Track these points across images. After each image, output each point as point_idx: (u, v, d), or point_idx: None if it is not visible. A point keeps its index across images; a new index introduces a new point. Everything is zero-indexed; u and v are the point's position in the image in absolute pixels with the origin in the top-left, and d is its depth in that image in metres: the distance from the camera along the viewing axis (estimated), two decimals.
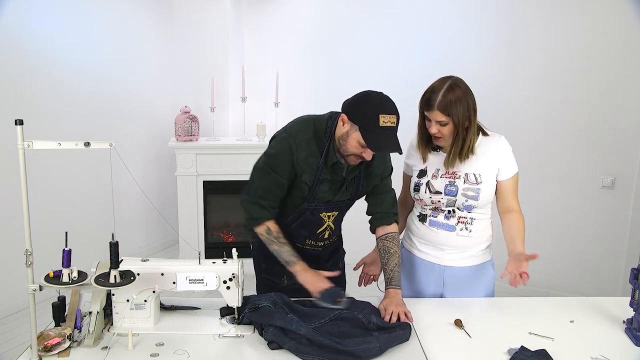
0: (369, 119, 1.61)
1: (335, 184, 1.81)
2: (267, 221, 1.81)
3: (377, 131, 1.61)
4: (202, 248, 4.13)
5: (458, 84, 1.74)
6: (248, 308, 1.63)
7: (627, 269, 3.35)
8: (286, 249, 1.78)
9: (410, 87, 3.91)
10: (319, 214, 1.86)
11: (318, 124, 1.79)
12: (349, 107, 1.69)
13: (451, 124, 1.74)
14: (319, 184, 1.78)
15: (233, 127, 4.43)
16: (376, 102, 1.64)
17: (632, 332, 1.62)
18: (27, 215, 1.41)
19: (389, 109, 1.63)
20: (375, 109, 1.62)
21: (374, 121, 1.61)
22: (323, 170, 1.77)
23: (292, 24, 4.30)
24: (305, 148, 1.75)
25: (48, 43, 3.43)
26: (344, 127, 1.69)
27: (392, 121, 1.62)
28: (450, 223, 1.88)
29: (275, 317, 1.57)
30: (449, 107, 1.70)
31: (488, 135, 1.86)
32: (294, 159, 1.75)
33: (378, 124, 1.60)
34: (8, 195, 3.19)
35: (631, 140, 3.42)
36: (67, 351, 1.47)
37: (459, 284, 1.93)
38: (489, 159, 1.84)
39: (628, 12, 3.30)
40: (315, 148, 1.76)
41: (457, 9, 3.75)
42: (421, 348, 1.55)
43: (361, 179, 1.85)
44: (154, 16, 4.27)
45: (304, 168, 1.76)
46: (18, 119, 1.36)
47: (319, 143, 1.77)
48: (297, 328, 1.52)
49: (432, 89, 1.75)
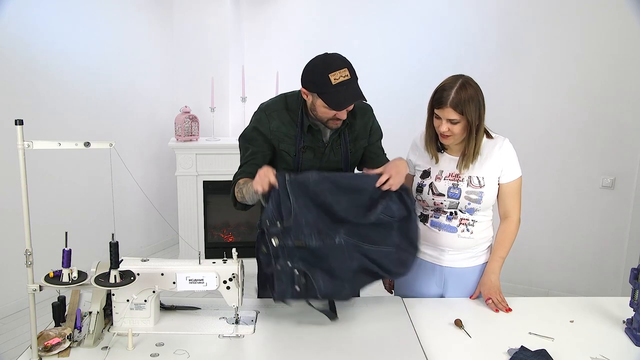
0: (321, 83, 1.65)
1: (319, 149, 1.85)
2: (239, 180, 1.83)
3: (333, 90, 1.64)
4: (202, 248, 4.13)
5: (470, 82, 1.73)
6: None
7: (627, 269, 3.35)
8: (249, 182, 1.73)
9: (410, 86, 3.94)
10: None
11: (290, 97, 1.87)
12: (303, 78, 1.74)
13: (462, 122, 1.73)
14: (301, 154, 1.83)
15: (233, 127, 4.43)
16: (321, 65, 1.68)
17: (632, 332, 1.62)
18: (27, 215, 1.41)
19: (336, 65, 1.65)
20: (323, 71, 1.65)
21: (326, 83, 1.64)
22: (302, 138, 1.81)
23: (291, 24, 4.30)
24: (276, 118, 1.83)
25: (48, 43, 3.43)
26: (308, 98, 1.74)
27: (344, 75, 1.65)
28: (452, 224, 1.87)
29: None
30: (462, 104, 1.69)
31: (492, 138, 1.86)
32: (268, 129, 1.82)
33: (331, 83, 1.63)
34: (8, 195, 3.19)
35: (631, 140, 3.42)
36: (67, 351, 1.47)
37: (459, 284, 1.93)
38: (493, 162, 1.83)
39: (628, 13, 3.30)
40: (288, 118, 1.83)
41: (457, 9, 3.75)
42: (421, 348, 1.55)
43: (347, 140, 1.87)
44: (154, 16, 4.27)
45: (279, 137, 1.82)
46: (18, 119, 1.36)
47: (292, 114, 1.83)
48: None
49: (443, 87, 1.74)
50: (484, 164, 1.83)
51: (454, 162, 1.86)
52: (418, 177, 1.92)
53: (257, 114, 1.89)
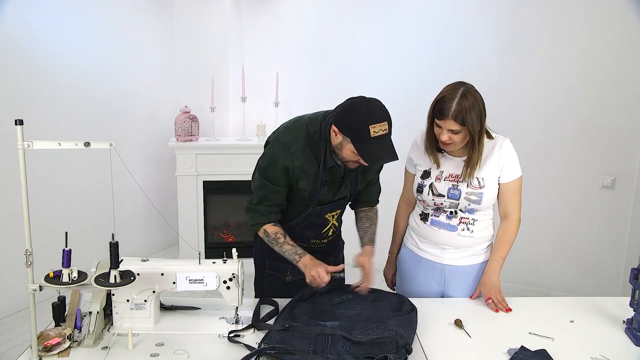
0: (360, 131, 1.57)
1: (335, 184, 1.83)
2: (265, 225, 1.82)
3: (370, 142, 1.58)
4: (202, 248, 4.13)
5: (470, 91, 1.71)
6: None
7: (627, 269, 3.35)
8: (287, 248, 1.79)
9: (410, 86, 3.94)
10: (324, 216, 1.88)
11: (311, 127, 1.76)
12: (338, 118, 1.64)
13: (463, 131, 1.72)
14: (321, 188, 1.79)
15: (233, 127, 4.43)
16: (364, 113, 1.58)
17: (632, 332, 1.62)
18: (27, 216, 1.41)
19: (378, 117, 1.58)
20: (365, 120, 1.57)
21: (365, 133, 1.57)
22: (323, 174, 1.77)
23: (292, 24, 4.30)
24: (300, 157, 1.74)
25: (48, 43, 3.43)
26: (337, 137, 1.66)
27: (384, 129, 1.58)
28: (452, 223, 1.87)
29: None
30: (463, 115, 1.67)
31: (493, 138, 1.85)
32: (290, 168, 1.74)
33: (369, 135, 1.56)
34: (8, 195, 3.18)
35: (631, 140, 3.42)
36: (67, 351, 1.47)
37: (460, 282, 1.93)
38: (492, 162, 1.83)
39: (627, 13, 3.30)
40: (310, 154, 1.75)
41: (457, 10, 3.75)
42: (421, 348, 1.55)
43: (359, 175, 1.88)
44: (154, 16, 4.27)
45: (300, 175, 1.76)
46: (18, 119, 1.36)
47: (314, 148, 1.75)
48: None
49: (444, 98, 1.71)
50: (484, 164, 1.82)
51: (454, 163, 1.86)
52: (418, 177, 1.92)
53: (278, 149, 1.75)
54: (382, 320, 1.63)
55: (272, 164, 1.76)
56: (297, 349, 1.47)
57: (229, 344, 1.55)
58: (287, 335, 1.54)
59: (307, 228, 1.89)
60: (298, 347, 1.48)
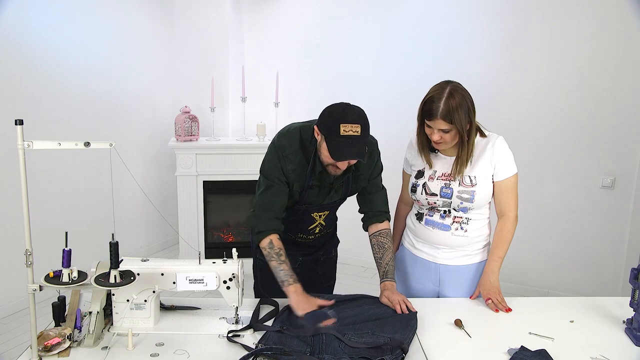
0: (332, 128, 1.66)
1: (324, 188, 1.87)
2: (272, 234, 1.82)
3: (339, 140, 1.65)
4: (202, 248, 4.13)
5: (457, 89, 1.72)
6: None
7: (627, 269, 3.35)
8: (284, 268, 1.77)
9: (409, 86, 3.94)
10: (310, 214, 1.93)
11: (304, 132, 1.84)
12: (319, 119, 1.74)
13: (453, 130, 1.73)
14: (308, 190, 1.84)
15: (233, 127, 4.43)
16: (338, 112, 1.68)
17: (632, 332, 1.62)
18: (27, 215, 1.41)
19: (350, 118, 1.66)
20: (337, 119, 1.66)
21: (335, 130, 1.65)
22: (311, 177, 1.82)
23: (292, 24, 4.30)
24: (292, 160, 1.81)
25: (48, 43, 3.43)
26: (318, 137, 1.75)
27: (355, 130, 1.65)
28: (445, 222, 1.88)
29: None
30: (451, 114, 1.69)
31: (485, 137, 1.86)
32: (283, 171, 1.82)
33: (339, 132, 1.64)
34: (8, 195, 3.18)
35: (631, 140, 3.42)
36: (67, 351, 1.47)
37: (455, 282, 1.93)
38: (485, 160, 1.83)
39: (627, 13, 3.30)
40: (302, 158, 1.82)
41: (457, 11, 3.75)
42: (421, 348, 1.55)
43: (350, 181, 1.90)
44: (154, 16, 4.27)
45: (293, 178, 1.82)
46: (18, 119, 1.36)
47: (306, 152, 1.82)
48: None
49: (431, 98, 1.73)
50: (476, 162, 1.83)
51: (447, 162, 1.87)
52: (413, 177, 1.93)
53: (274, 151, 1.84)
54: (381, 319, 1.65)
55: (271, 165, 1.84)
56: (294, 349, 1.48)
57: (228, 344, 1.55)
58: (284, 336, 1.55)
59: (294, 222, 1.94)
60: (295, 348, 1.49)
